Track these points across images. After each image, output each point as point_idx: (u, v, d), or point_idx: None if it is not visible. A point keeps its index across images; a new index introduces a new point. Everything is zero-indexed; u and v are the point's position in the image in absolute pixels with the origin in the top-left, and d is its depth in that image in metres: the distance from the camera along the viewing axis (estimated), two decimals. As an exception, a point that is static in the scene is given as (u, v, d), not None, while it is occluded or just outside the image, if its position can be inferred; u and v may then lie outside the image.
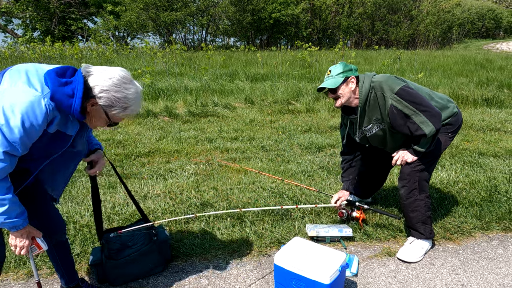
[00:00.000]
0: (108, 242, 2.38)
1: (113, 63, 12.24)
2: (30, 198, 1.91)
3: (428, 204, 2.74)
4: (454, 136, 2.81)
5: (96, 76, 1.64)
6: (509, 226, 3.13)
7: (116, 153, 4.90)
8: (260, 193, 3.65)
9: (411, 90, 2.47)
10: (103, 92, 1.64)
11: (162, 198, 3.56)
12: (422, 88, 2.71)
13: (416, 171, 2.67)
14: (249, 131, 6.04)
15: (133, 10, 22.42)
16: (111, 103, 1.66)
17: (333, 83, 2.59)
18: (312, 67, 11.84)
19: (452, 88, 8.61)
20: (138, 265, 2.43)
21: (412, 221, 2.78)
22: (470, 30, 33.44)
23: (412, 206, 2.73)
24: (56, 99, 1.56)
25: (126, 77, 1.70)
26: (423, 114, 2.42)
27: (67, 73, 1.65)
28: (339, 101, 2.65)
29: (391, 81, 2.52)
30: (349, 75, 2.60)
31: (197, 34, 25.52)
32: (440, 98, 2.74)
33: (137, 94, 1.74)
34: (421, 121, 2.42)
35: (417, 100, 2.44)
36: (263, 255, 2.75)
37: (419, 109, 2.42)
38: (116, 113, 1.70)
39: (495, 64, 12.84)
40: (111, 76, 1.65)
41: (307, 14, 24.44)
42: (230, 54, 16.20)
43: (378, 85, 2.54)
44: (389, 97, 2.48)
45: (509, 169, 4.25)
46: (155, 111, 7.03)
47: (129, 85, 1.70)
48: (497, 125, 6.28)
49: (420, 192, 2.70)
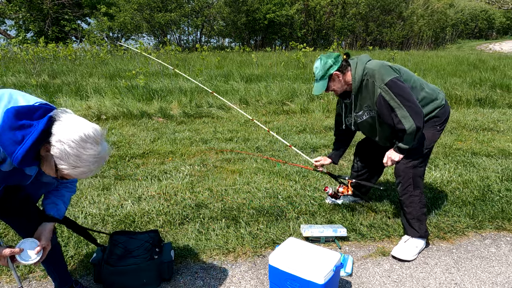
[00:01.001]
0: (114, 244, 2.35)
1: (107, 64, 12.19)
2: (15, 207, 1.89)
3: (422, 201, 2.77)
4: (442, 129, 2.79)
5: (62, 124, 1.49)
6: (501, 225, 3.16)
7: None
8: (255, 194, 3.65)
9: (400, 83, 2.49)
10: (58, 143, 1.47)
11: (157, 199, 3.55)
12: (415, 77, 2.72)
13: (409, 167, 2.71)
14: (244, 131, 6.04)
15: (127, 11, 22.35)
16: (61, 156, 1.49)
17: (320, 89, 2.68)
18: (307, 68, 11.86)
19: (445, 88, 8.67)
20: (132, 278, 2.33)
21: (407, 217, 2.81)
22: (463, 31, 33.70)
23: (407, 202, 2.77)
24: (1, 142, 1.43)
25: (92, 136, 1.51)
26: (406, 109, 2.44)
27: (35, 114, 1.49)
28: (336, 93, 2.77)
29: (384, 70, 2.52)
30: (331, 72, 2.63)
31: (191, 35, 25.54)
32: (431, 89, 2.74)
33: (95, 158, 1.53)
34: (403, 115, 2.45)
35: (404, 94, 2.45)
36: (258, 255, 2.76)
37: (404, 103, 2.44)
38: (64, 168, 1.51)
39: (487, 65, 12.95)
40: (76, 130, 1.48)
41: (302, 15, 24.51)
42: (224, 55, 16.20)
43: (371, 73, 2.55)
44: (379, 86, 2.50)
45: (501, 169, 4.29)
46: (150, 112, 7.01)
47: (90, 145, 1.50)
48: (490, 125, 6.33)
49: (414, 188, 2.74)
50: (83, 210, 3.30)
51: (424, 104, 2.66)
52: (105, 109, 6.96)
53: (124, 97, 7.70)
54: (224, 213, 3.29)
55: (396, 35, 25.41)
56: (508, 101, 8.07)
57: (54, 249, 2.10)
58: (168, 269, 2.46)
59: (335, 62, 2.63)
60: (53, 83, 9.05)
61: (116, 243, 2.40)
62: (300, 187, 3.82)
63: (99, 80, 9.76)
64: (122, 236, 2.49)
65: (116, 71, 10.92)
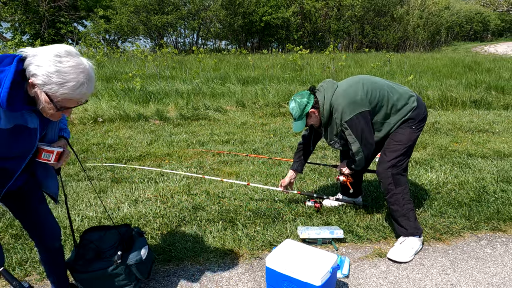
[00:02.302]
0: (84, 245, 2.20)
1: (104, 66, 12.18)
2: (26, 203, 1.91)
3: (406, 197, 2.82)
4: (419, 128, 2.87)
5: (33, 56, 1.49)
6: (497, 226, 3.18)
7: (107, 157, 4.87)
8: (252, 196, 3.66)
9: (357, 122, 2.69)
10: (36, 69, 1.47)
11: (154, 202, 3.55)
12: (383, 83, 2.84)
13: (387, 167, 2.81)
14: (240, 134, 6.04)
15: (123, 13, 22.32)
16: (45, 80, 1.47)
17: (300, 127, 2.86)
18: (303, 70, 11.90)
19: (441, 90, 8.72)
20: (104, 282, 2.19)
21: (394, 215, 2.87)
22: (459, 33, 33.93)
23: (391, 200, 2.84)
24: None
25: (65, 51, 1.50)
26: (359, 143, 2.73)
27: (4, 61, 1.49)
28: (315, 126, 2.96)
29: (346, 108, 2.71)
30: (307, 110, 2.82)
31: (188, 38, 25.52)
32: (400, 94, 2.83)
33: (78, 69, 1.51)
34: (356, 149, 2.76)
35: (359, 132, 2.71)
36: (255, 257, 2.76)
37: (358, 139, 2.72)
38: (53, 91, 1.49)
39: (483, 67, 13.03)
40: (47, 52, 1.49)
41: (298, 17, 24.58)
42: (221, 57, 16.21)
43: (336, 108, 2.76)
44: (340, 124, 2.76)
45: (497, 170, 4.32)
46: (146, 115, 7.00)
47: (66, 58, 1.49)
48: (485, 126, 6.37)
49: (396, 186, 2.81)
50: (80, 213, 3.30)
51: (395, 111, 2.80)
52: (101, 112, 6.94)
53: (120, 100, 7.69)
54: (221, 215, 3.29)
55: (392, 37, 25.53)
56: (503, 103, 8.12)
57: (56, 252, 2.11)
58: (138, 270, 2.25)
59: (309, 101, 2.82)
60: (49, 86, 9.01)
61: (87, 243, 2.25)
62: (297, 189, 3.82)
63: (95, 82, 9.74)
64: (95, 233, 2.32)
65: (112, 73, 10.92)
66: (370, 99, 2.72)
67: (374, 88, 2.77)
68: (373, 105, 2.73)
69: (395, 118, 2.81)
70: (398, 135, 2.82)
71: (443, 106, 7.98)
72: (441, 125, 6.43)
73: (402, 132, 2.81)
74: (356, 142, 2.73)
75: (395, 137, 2.83)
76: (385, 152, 2.85)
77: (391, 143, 2.84)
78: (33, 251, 2.74)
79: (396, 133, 2.84)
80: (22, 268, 2.58)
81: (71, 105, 1.58)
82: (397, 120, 2.81)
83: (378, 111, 2.78)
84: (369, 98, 2.72)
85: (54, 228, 2.06)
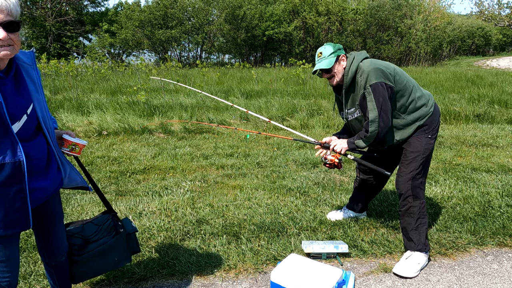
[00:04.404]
0: (69, 237, 2.21)
1: (109, 80, 12.30)
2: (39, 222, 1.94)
3: (422, 211, 2.79)
4: (434, 137, 2.84)
5: None
6: (503, 241, 3.15)
7: (111, 170, 4.89)
8: (256, 210, 3.65)
9: (382, 89, 2.59)
10: None
11: (158, 215, 3.55)
12: (409, 80, 2.80)
13: (407, 179, 2.77)
14: (244, 147, 6.06)
15: (128, 28, 22.66)
16: None
17: (327, 64, 2.72)
18: (307, 84, 11.97)
19: (444, 104, 8.74)
20: (103, 259, 2.23)
21: (406, 228, 2.83)
22: (461, 47, 34.12)
23: (407, 213, 2.81)
24: None
25: None
26: (377, 114, 2.59)
27: None
28: (334, 79, 2.80)
29: (373, 72, 2.61)
30: (340, 53, 2.75)
31: (192, 52, 25.80)
32: (423, 94, 2.83)
33: None
34: (372, 118, 2.62)
35: (381, 101, 2.59)
36: (259, 272, 2.74)
37: (378, 108, 2.59)
38: None
39: (485, 81, 13.07)
40: None
41: (300, 32, 24.82)
42: (225, 71, 16.35)
43: (363, 70, 2.66)
44: (364, 86, 2.64)
45: (501, 184, 4.30)
46: (151, 128, 7.04)
47: None
48: (489, 140, 6.36)
49: (414, 199, 2.78)
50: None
51: (413, 107, 2.75)
52: (106, 125, 7.00)
53: (125, 113, 7.75)
54: (225, 229, 3.29)
55: (394, 51, 25.70)
56: (506, 117, 8.12)
57: (62, 266, 2.12)
58: (136, 240, 2.36)
59: (343, 49, 2.78)
60: (54, 99, 9.12)
61: (71, 234, 2.24)
62: (301, 203, 3.82)
63: (100, 96, 9.85)
64: (75, 228, 2.31)
65: (117, 87, 11.02)
66: (396, 81, 2.67)
67: (404, 75, 2.76)
68: (396, 89, 2.68)
69: (410, 116, 2.75)
70: (413, 145, 2.78)
71: (446, 120, 7.99)
72: (444, 139, 6.43)
73: (417, 141, 2.77)
74: (375, 110, 2.60)
75: (410, 146, 2.79)
76: (403, 165, 2.82)
77: (407, 154, 2.80)
78: (37, 264, 2.74)
79: (410, 142, 2.80)
80: (26, 282, 2.58)
81: None
82: (411, 120, 2.75)
83: (398, 99, 2.72)
84: (396, 79, 2.68)
85: (63, 245, 2.09)
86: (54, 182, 1.86)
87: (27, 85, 1.68)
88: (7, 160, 1.55)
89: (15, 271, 1.79)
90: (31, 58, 1.76)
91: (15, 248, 1.76)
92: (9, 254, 1.73)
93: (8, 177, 1.56)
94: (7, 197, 1.59)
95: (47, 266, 2.10)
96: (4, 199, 1.59)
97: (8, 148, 1.56)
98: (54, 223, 1.99)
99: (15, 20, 1.51)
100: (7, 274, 1.75)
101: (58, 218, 2.02)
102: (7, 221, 1.62)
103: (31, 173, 1.66)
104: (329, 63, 2.72)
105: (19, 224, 1.67)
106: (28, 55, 1.75)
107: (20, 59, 1.69)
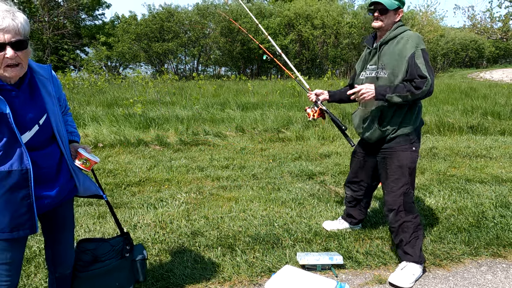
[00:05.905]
0: (81, 251, 2.23)
1: (105, 92, 12.33)
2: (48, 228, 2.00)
3: (417, 225, 2.79)
4: (417, 149, 2.84)
5: None
6: (497, 252, 3.17)
7: (106, 182, 4.88)
8: (251, 221, 3.65)
9: (427, 56, 2.60)
10: None
11: (152, 227, 3.54)
12: None
13: (398, 194, 2.78)
14: (240, 159, 6.08)
15: (125, 41, 22.80)
16: None
17: (389, 4, 2.65)
18: (302, 96, 12.06)
19: (438, 115, 8.82)
20: (104, 280, 2.22)
21: (401, 243, 2.82)
22: (454, 60, 34.48)
23: (401, 228, 2.80)
24: None
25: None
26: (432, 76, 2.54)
27: None
28: (380, 23, 2.72)
29: (422, 41, 2.63)
30: (402, 7, 2.73)
31: (188, 64, 25.93)
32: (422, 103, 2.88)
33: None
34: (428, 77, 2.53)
35: (429, 65, 2.58)
36: (254, 284, 2.73)
37: (430, 71, 2.55)
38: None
39: (479, 93, 13.22)
40: None
41: (296, 45, 25.07)
42: (221, 83, 16.44)
43: (410, 36, 2.66)
44: (414, 47, 2.59)
45: (495, 195, 4.33)
46: (146, 140, 7.05)
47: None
48: (482, 151, 6.41)
49: (406, 214, 2.78)
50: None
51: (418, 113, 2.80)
52: (102, 137, 7.00)
53: (121, 125, 7.76)
54: (220, 241, 3.28)
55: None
56: (499, 128, 8.20)
57: (65, 278, 2.13)
58: (141, 268, 2.33)
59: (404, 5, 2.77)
60: (50, 112, 9.10)
61: (83, 250, 2.27)
62: (296, 214, 3.83)
63: (96, 108, 9.86)
64: (91, 244, 2.34)
65: (113, 99, 11.05)
66: None
67: None
68: None
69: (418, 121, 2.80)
70: (399, 158, 2.77)
71: (440, 131, 8.06)
72: (438, 150, 6.47)
73: (402, 153, 2.77)
74: (431, 72, 2.56)
75: (397, 160, 2.78)
76: (391, 180, 2.81)
77: (394, 170, 2.79)
78: (30, 278, 2.72)
79: (394, 156, 2.79)
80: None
81: None
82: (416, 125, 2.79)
83: None
84: None
85: (69, 256, 2.11)
86: (64, 190, 1.90)
87: (43, 97, 1.78)
88: (15, 167, 1.64)
89: (16, 276, 1.82)
90: (49, 72, 1.85)
91: (19, 253, 1.81)
92: (13, 257, 1.77)
93: (15, 183, 1.65)
94: (14, 202, 1.67)
95: (51, 275, 2.12)
96: (11, 204, 1.67)
97: (16, 156, 1.64)
98: (62, 230, 2.03)
99: (22, 39, 1.59)
100: (7, 278, 1.78)
101: (67, 226, 2.06)
102: (13, 225, 1.69)
103: (39, 181, 1.74)
104: (391, 5, 2.65)
105: (25, 228, 1.73)
106: (46, 69, 1.85)
107: (38, 73, 1.79)
